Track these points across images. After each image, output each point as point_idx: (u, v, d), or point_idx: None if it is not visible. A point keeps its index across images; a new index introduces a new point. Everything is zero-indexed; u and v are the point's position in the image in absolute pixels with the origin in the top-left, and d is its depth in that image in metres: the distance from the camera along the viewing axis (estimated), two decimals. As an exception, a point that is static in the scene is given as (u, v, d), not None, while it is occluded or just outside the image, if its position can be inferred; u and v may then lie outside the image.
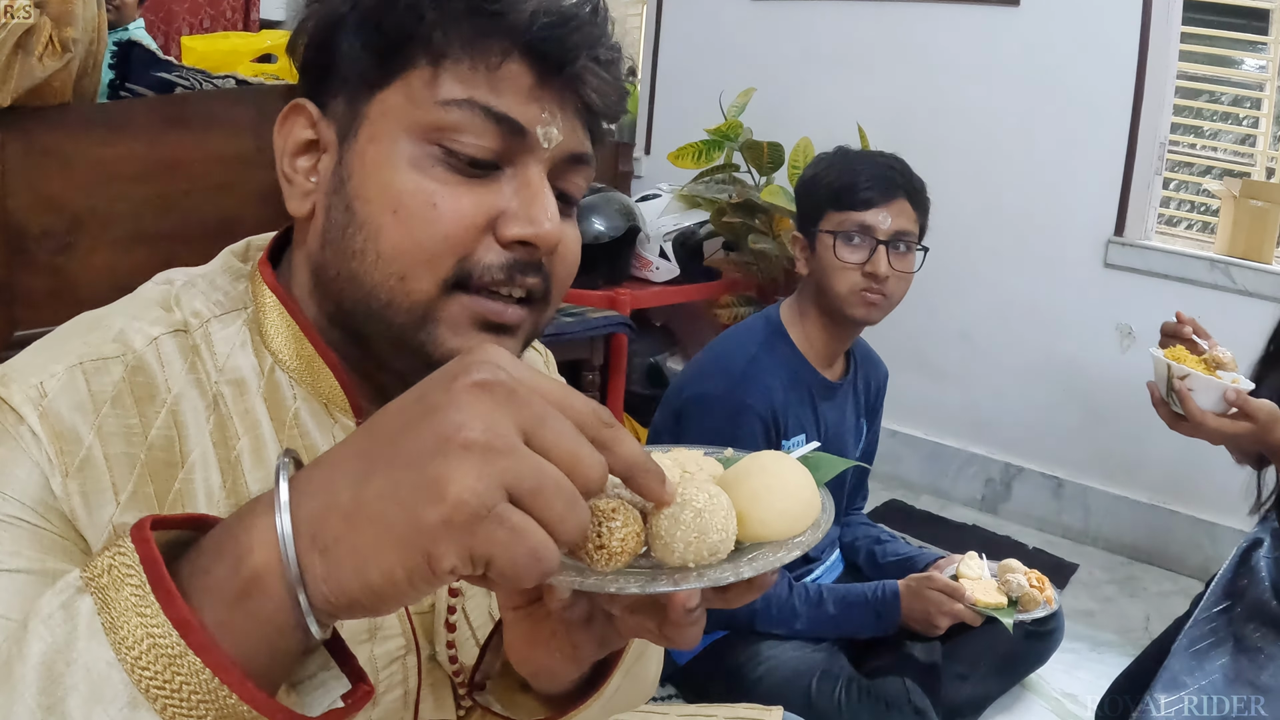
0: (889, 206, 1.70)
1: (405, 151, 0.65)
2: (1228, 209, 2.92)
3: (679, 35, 3.84)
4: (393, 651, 0.73)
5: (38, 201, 1.99)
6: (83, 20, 1.94)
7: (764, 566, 0.49)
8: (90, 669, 0.41)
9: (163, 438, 0.64)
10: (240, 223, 2.28)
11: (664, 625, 0.52)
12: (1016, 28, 3.06)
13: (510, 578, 0.41)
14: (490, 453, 0.40)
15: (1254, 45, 3.16)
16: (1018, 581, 1.70)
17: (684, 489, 0.49)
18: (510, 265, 0.66)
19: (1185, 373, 1.36)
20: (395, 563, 0.40)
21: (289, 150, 0.70)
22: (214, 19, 3.89)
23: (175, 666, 0.40)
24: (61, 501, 0.59)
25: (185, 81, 2.30)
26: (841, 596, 1.76)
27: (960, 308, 3.23)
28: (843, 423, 1.88)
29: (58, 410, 0.60)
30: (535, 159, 0.66)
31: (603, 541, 0.47)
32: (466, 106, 0.64)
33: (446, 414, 0.41)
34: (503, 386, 0.42)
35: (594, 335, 2.65)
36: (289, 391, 0.70)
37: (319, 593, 0.42)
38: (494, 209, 0.65)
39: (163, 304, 0.69)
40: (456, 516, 0.39)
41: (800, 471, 0.54)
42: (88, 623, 0.41)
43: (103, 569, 0.43)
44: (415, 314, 0.65)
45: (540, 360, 0.93)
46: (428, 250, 0.64)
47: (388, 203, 0.64)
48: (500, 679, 0.72)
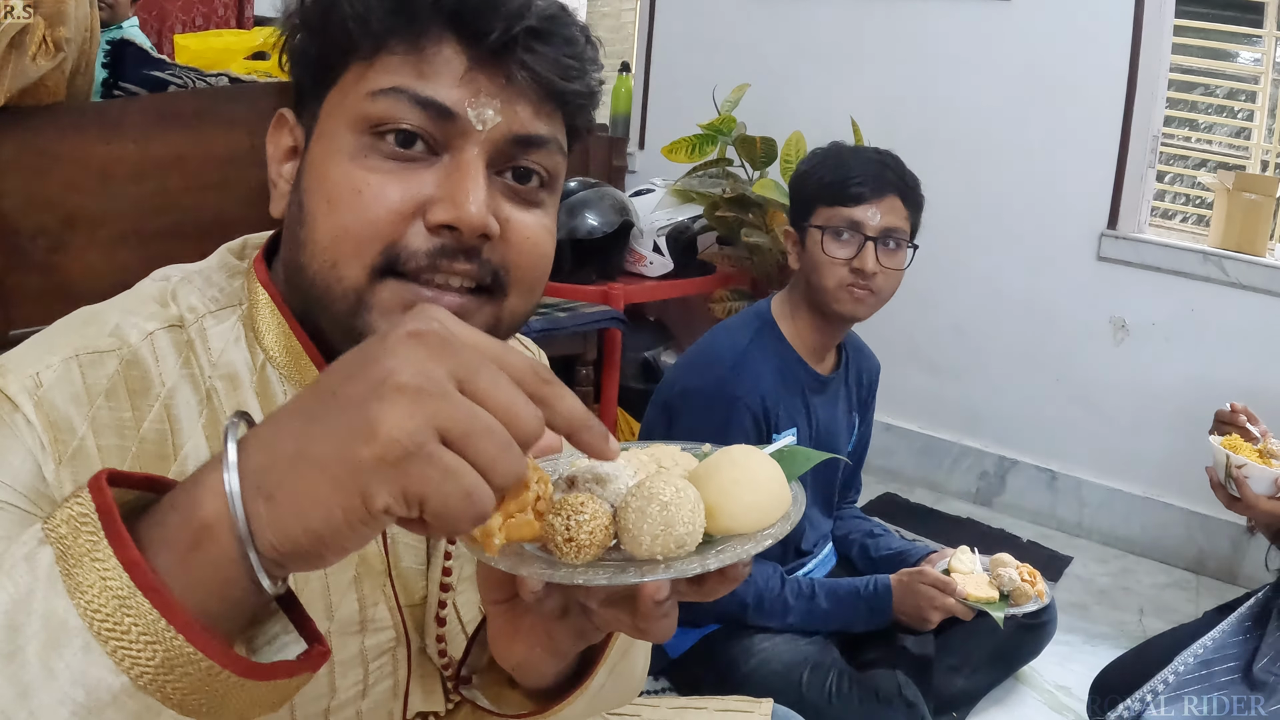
0: (879, 203, 1.70)
1: (344, 144, 0.66)
2: (1221, 202, 2.92)
3: (672, 29, 3.84)
4: (383, 644, 0.75)
5: (31, 201, 1.99)
6: (75, 19, 1.94)
7: (731, 558, 0.50)
8: (49, 617, 0.42)
9: (155, 431, 0.65)
10: (234, 221, 2.29)
11: (636, 617, 0.53)
12: (1009, 21, 3.06)
13: (444, 519, 0.42)
14: (422, 394, 0.41)
15: (1248, 38, 3.16)
16: (1009, 575, 1.71)
17: (651, 483, 0.50)
18: (436, 251, 0.65)
19: (1242, 463, 1.54)
20: (333, 503, 0.41)
21: (277, 157, 0.73)
22: (207, 16, 3.88)
23: (125, 608, 0.41)
24: (54, 489, 0.60)
25: (178, 80, 2.30)
26: (833, 590, 1.77)
27: (953, 301, 3.24)
28: (834, 417, 1.89)
29: (53, 400, 0.62)
30: (471, 143, 0.65)
31: (571, 534, 0.49)
32: (393, 94, 0.64)
33: (381, 361, 0.42)
34: (436, 336, 0.43)
35: (587, 330, 2.65)
36: (279, 388, 0.71)
37: (265, 540, 0.43)
38: (421, 195, 0.65)
39: (159, 299, 0.70)
40: (389, 454, 0.40)
41: (770, 465, 0.55)
42: (47, 572, 0.43)
43: (61, 519, 0.44)
44: (349, 301, 0.66)
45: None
46: (355, 236, 0.64)
47: (324, 194, 0.66)
48: (487, 673, 0.73)
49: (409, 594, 0.76)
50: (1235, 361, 2.78)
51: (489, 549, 0.48)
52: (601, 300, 2.79)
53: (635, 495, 0.51)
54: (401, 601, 0.76)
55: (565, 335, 2.57)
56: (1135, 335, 2.95)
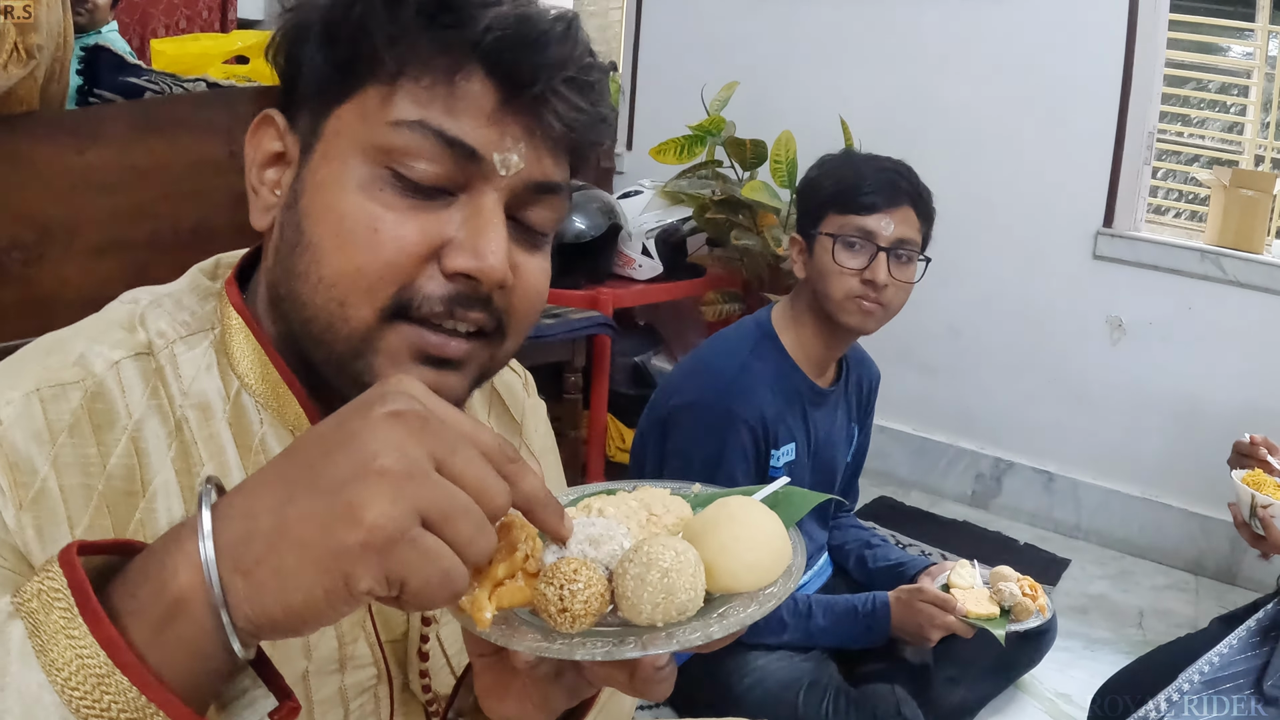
0: (892, 213, 1.65)
1: (355, 173, 0.62)
2: (1217, 198, 2.91)
3: (660, 28, 3.81)
4: (364, 682, 0.72)
5: (5, 212, 1.95)
6: (48, 26, 1.90)
7: (733, 626, 0.48)
8: (23, 692, 0.42)
9: (122, 466, 0.62)
10: (213, 229, 2.25)
11: (634, 680, 0.53)
12: (1001, 18, 3.04)
13: (423, 598, 0.43)
14: (404, 479, 0.42)
15: (1241, 32, 3.15)
16: (1010, 590, 1.66)
17: (650, 547, 0.49)
18: (452, 298, 0.62)
19: (1268, 502, 1.55)
20: (314, 584, 0.42)
21: (258, 161, 0.68)
22: (190, 19, 3.84)
23: (104, 685, 0.42)
24: (15, 535, 0.58)
25: (155, 86, 2.26)
26: (830, 608, 1.73)
27: (948, 302, 3.21)
28: (833, 429, 1.85)
29: (13, 440, 0.59)
30: (492, 186, 0.63)
31: (565, 605, 0.48)
32: (418, 129, 0.61)
33: (363, 442, 0.43)
34: (416, 416, 0.44)
35: (575, 337, 2.61)
36: (255, 416, 0.68)
37: (242, 614, 0.43)
38: (440, 237, 0.62)
39: (126, 325, 0.67)
40: (373, 540, 0.41)
41: (769, 518, 0.53)
42: (19, 647, 0.42)
43: (32, 594, 0.44)
44: (353, 341, 0.63)
45: (519, 382, 0.91)
46: (368, 277, 0.61)
47: (331, 225, 0.62)
48: (473, 716, 0.71)
49: (389, 629, 0.74)
50: (1233, 360, 2.77)
51: (479, 622, 0.47)
52: (590, 305, 2.76)
53: (634, 561, 0.49)
54: (382, 637, 0.73)
55: (553, 342, 2.53)
56: (1132, 334, 2.93)
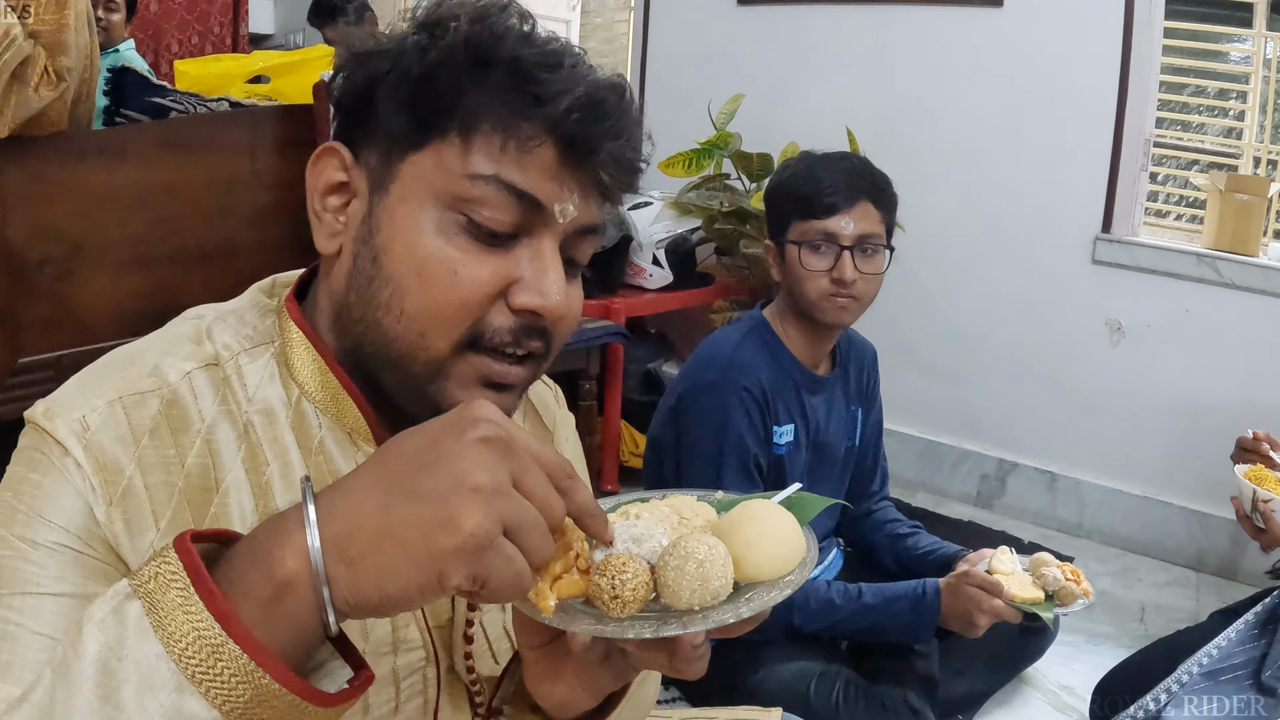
0: (851, 211, 1.72)
1: (432, 216, 0.69)
2: (1214, 203, 2.95)
3: (666, 43, 3.86)
4: (414, 663, 0.78)
5: (37, 230, 2.01)
6: (76, 49, 1.96)
7: (760, 606, 0.57)
8: (140, 662, 0.48)
9: (199, 466, 0.68)
10: (237, 245, 2.31)
11: (674, 659, 0.60)
12: (1000, 27, 3.08)
13: (499, 594, 0.51)
14: (493, 496, 0.50)
15: (1237, 37, 3.19)
16: (1053, 575, 1.63)
17: (686, 542, 0.58)
18: (518, 330, 0.70)
19: (1269, 496, 1.60)
20: (412, 578, 0.50)
21: (319, 189, 0.74)
22: (203, 35, 3.91)
23: (218, 654, 0.49)
24: (105, 529, 0.64)
25: (179, 106, 2.33)
26: (880, 590, 1.74)
27: (951, 307, 3.26)
28: (831, 416, 1.90)
29: (100, 443, 0.65)
30: (550, 232, 0.70)
31: (617, 592, 0.57)
32: (493, 183, 0.68)
33: (458, 462, 0.51)
34: (501, 441, 0.52)
35: (590, 346, 2.67)
36: (314, 421, 0.74)
37: (341, 597, 0.51)
38: (508, 277, 0.69)
39: (194, 338, 0.73)
40: (466, 545, 0.49)
41: (786, 518, 0.62)
42: (137, 623, 0.49)
43: (149, 576, 0.51)
44: (430, 368, 0.70)
45: (550, 395, 0.98)
46: (447, 313, 0.69)
47: (413, 264, 0.69)
48: (513, 702, 0.77)
49: (437, 615, 0.80)
50: (1230, 360, 2.81)
51: (545, 610, 0.56)
52: (603, 315, 2.82)
53: (673, 554, 0.58)
54: (430, 623, 0.79)
55: (568, 351, 2.58)
56: (1131, 337, 2.98)
